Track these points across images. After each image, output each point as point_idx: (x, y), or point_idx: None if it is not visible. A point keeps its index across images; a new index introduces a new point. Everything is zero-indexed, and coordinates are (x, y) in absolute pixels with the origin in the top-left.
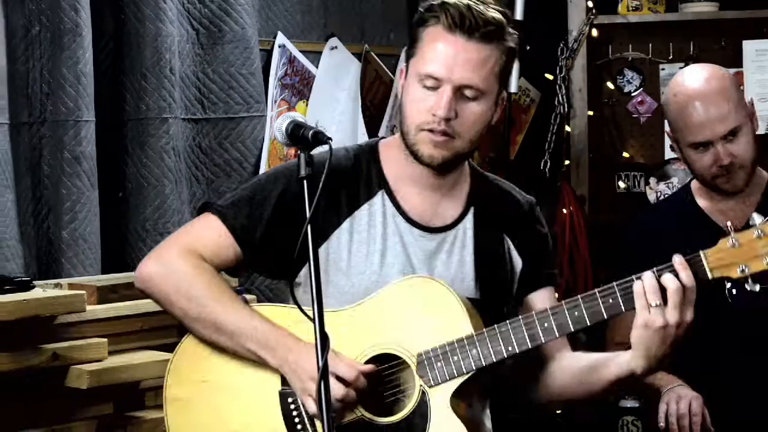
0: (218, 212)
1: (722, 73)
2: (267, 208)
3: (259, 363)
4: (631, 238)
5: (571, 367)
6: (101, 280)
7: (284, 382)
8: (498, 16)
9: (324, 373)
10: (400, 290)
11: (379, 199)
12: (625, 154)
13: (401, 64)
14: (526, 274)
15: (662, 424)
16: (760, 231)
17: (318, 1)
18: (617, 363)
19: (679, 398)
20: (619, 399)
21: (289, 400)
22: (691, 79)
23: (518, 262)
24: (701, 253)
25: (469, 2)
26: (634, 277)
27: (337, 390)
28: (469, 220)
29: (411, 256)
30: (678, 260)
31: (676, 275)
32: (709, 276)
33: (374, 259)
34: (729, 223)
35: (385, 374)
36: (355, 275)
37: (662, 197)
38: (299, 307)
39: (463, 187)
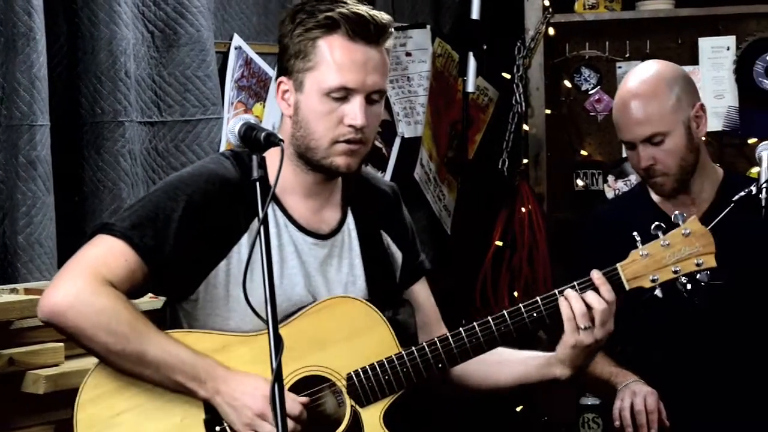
0: (122, 235)
1: (664, 75)
2: (172, 226)
3: (184, 394)
4: (587, 232)
5: (483, 360)
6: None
7: (208, 410)
8: (387, 18)
9: (278, 374)
10: (321, 311)
11: (270, 209)
12: (583, 152)
13: (275, 79)
14: (406, 266)
15: (617, 422)
16: (665, 241)
17: (274, 3)
18: (536, 366)
19: (634, 394)
20: (580, 396)
21: (217, 428)
22: (633, 77)
23: (398, 255)
24: (618, 266)
25: (364, 10)
26: (556, 291)
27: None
28: (351, 222)
29: (306, 265)
30: (597, 276)
31: (597, 291)
32: (626, 287)
33: (274, 272)
34: (636, 234)
35: (315, 397)
36: (257, 288)
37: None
38: (253, 310)
39: (338, 189)
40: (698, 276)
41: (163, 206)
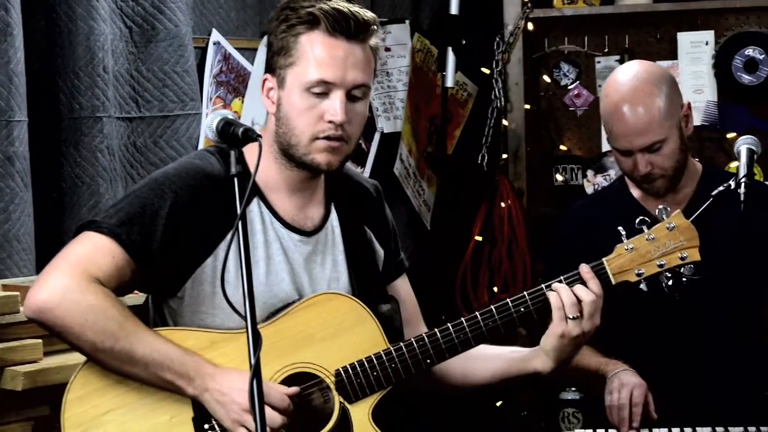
0: (109, 232)
1: (654, 78)
2: (159, 223)
3: (172, 391)
4: (567, 228)
5: (463, 355)
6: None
7: (196, 408)
8: (371, 15)
9: (257, 370)
10: (308, 308)
11: (255, 206)
12: (563, 147)
13: (263, 76)
14: (388, 263)
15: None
16: (651, 235)
17: None
18: (515, 360)
19: (621, 386)
20: (559, 391)
21: (205, 426)
22: (622, 82)
23: (380, 251)
24: (603, 260)
25: (345, 5)
26: (543, 286)
27: (274, 419)
28: (334, 219)
29: (292, 262)
30: (585, 270)
31: (585, 285)
32: (612, 282)
33: (260, 269)
34: (621, 228)
35: (303, 394)
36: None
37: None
38: (232, 307)
39: (321, 185)
40: (683, 270)
41: (149, 203)
